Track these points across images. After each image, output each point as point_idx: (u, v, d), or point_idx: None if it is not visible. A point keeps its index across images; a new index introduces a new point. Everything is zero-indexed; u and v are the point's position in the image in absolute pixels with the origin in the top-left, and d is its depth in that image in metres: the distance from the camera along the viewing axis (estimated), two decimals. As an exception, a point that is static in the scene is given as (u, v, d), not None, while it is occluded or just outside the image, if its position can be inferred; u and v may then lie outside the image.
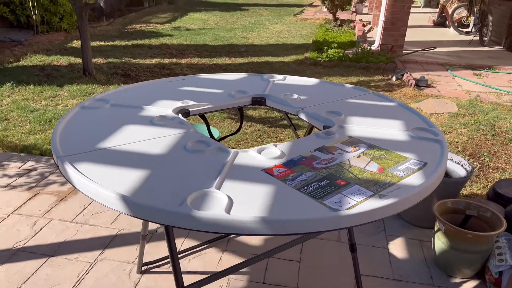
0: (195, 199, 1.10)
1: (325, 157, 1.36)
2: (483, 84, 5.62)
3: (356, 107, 1.83)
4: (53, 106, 4.27)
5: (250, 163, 1.30)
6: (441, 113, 4.47)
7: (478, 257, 2.04)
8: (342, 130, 1.58)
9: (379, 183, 1.21)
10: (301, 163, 1.32)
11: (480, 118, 4.34)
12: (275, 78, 2.22)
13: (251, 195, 1.13)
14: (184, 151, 1.36)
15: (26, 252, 2.19)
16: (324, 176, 1.24)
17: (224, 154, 1.36)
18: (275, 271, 2.13)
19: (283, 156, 1.35)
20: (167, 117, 1.63)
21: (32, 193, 2.71)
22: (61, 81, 5.01)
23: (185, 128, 1.54)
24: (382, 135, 1.55)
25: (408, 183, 1.22)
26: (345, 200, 1.12)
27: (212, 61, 6.38)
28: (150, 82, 2.07)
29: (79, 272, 2.07)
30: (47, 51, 6.39)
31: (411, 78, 5.40)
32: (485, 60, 6.90)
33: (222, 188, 1.15)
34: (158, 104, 1.77)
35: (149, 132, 1.49)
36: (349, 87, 2.11)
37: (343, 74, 5.89)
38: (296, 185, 1.19)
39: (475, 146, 3.75)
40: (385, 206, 1.10)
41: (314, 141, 1.48)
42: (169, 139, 1.44)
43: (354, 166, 1.31)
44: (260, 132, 3.86)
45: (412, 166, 1.32)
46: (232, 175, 1.23)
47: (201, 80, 2.14)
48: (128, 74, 5.46)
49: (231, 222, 1.01)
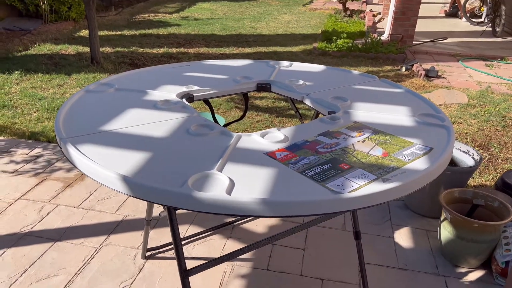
0: (196, 180, 1.09)
1: (329, 141, 1.34)
2: (494, 75, 5.53)
3: (362, 93, 1.80)
4: (61, 94, 4.29)
5: (253, 147, 1.29)
6: (450, 103, 4.41)
7: (485, 246, 2.01)
8: (347, 115, 1.56)
9: (383, 167, 1.19)
10: (304, 147, 1.30)
11: (491, 109, 4.28)
12: (281, 64, 2.20)
13: (253, 177, 1.12)
14: (187, 134, 1.35)
15: (33, 236, 2.21)
16: (327, 160, 1.22)
17: (227, 137, 1.35)
18: (279, 258, 2.13)
19: (286, 140, 1.34)
20: (171, 101, 1.62)
21: (39, 179, 2.73)
22: (69, 70, 5.03)
23: (189, 112, 1.53)
24: (388, 120, 1.52)
25: (413, 168, 1.20)
26: (347, 184, 1.10)
27: (219, 51, 6.35)
28: (155, 68, 2.06)
29: (85, 256, 2.09)
30: (56, 40, 6.41)
31: (421, 69, 5.33)
32: (497, 51, 6.79)
33: (224, 170, 1.15)
34: (162, 88, 1.77)
35: (153, 116, 1.48)
36: (356, 74, 2.08)
37: (352, 64, 5.83)
38: (298, 169, 1.17)
39: (484, 137, 3.69)
40: (388, 189, 1.08)
41: (319, 126, 1.47)
42: (172, 123, 1.43)
43: (358, 151, 1.29)
44: (266, 121, 3.84)
45: (418, 151, 1.30)
46: (235, 158, 1.22)
47: (206, 66, 2.13)
48: (136, 63, 5.46)
49: (231, 203, 1.01)
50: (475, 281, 2.03)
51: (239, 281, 1.97)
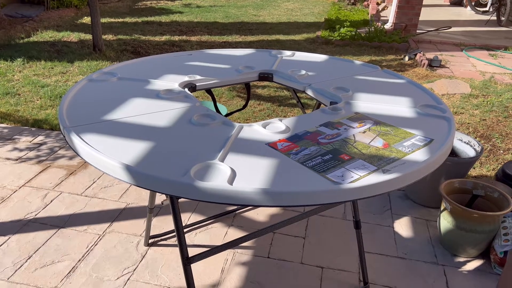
0: (198, 170, 1.11)
1: (330, 132, 1.35)
2: (498, 65, 5.50)
3: (364, 83, 1.81)
4: (64, 82, 4.29)
5: (254, 137, 1.30)
6: (453, 93, 4.40)
7: (484, 237, 2.03)
8: (348, 106, 1.57)
9: (383, 158, 1.21)
10: (305, 137, 1.31)
11: (494, 100, 4.27)
12: (283, 54, 2.20)
13: (254, 167, 1.13)
14: (189, 124, 1.37)
15: (37, 223, 2.24)
16: (328, 151, 1.23)
17: (228, 127, 1.36)
18: (280, 246, 2.15)
19: (288, 131, 1.35)
20: (173, 91, 1.63)
21: (42, 167, 2.76)
22: (71, 57, 5.02)
23: (191, 102, 1.54)
24: (389, 111, 1.53)
25: (413, 159, 1.21)
26: (348, 174, 1.12)
27: (222, 39, 6.33)
28: (157, 57, 2.07)
29: (88, 243, 2.12)
30: (58, 27, 6.39)
31: (424, 58, 5.30)
32: (502, 40, 6.74)
33: (226, 160, 1.16)
34: (164, 78, 1.77)
35: (155, 105, 1.50)
36: (358, 64, 2.08)
37: (355, 53, 5.81)
38: (299, 159, 1.19)
39: (486, 128, 3.69)
40: (388, 180, 1.09)
41: (320, 116, 1.47)
42: (174, 113, 1.44)
43: (359, 142, 1.30)
44: (268, 110, 3.85)
45: (418, 142, 1.31)
46: (236, 148, 1.23)
47: (208, 55, 2.13)
48: (138, 51, 5.45)
49: (233, 193, 1.02)
50: (473, 270, 2.05)
51: (240, 268, 2.00)
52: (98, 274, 1.94)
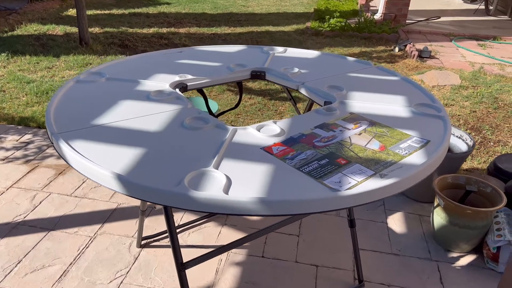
0: (192, 178, 1.08)
1: (325, 134, 1.33)
2: (487, 55, 5.52)
3: (358, 81, 1.78)
4: (50, 78, 4.20)
5: (249, 141, 1.27)
6: (443, 85, 4.41)
7: (477, 232, 2.04)
8: (343, 106, 1.54)
9: (380, 162, 1.19)
10: (301, 141, 1.29)
11: (483, 91, 4.29)
12: (275, 50, 2.16)
13: (250, 174, 1.11)
14: (181, 128, 1.33)
15: (26, 226, 2.20)
16: (324, 155, 1.21)
17: (222, 131, 1.33)
18: (274, 245, 2.14)
19: (282, 134, 1.32)
20: (164, 92, 1.59)
21: (30, 167, 2.70)
22: (57, 51, 4.92)
23: (182, 104, 1.50)
24: (384, 111, 1.51)
25: (410, 162, 1.19)
26: (345, 180, 1.10)
27: (211, 31, 6.25)
28: (147, 55, 2.02)
29: (79, 245, 2.08)
30: (42, 20, 6.25)
31: (414, 49, 5.30)
32: (490, 30, 6.77)
33: (220, 167, 1.13)
34: (154, 78, 1.73)
35: (145, 108, 1.46)
36: (351, 60, 2.05)
37: (345, 44, 5.78)
38: (295, 164, 1.16)
39: (477, 119, 3.71)
40: (386, 186, 1.07)
41: (315, 117, 1.45)
42: (165, 115, 1.41)
43: (355, 144, 1.28)
44: (259, 105, 3.81)
45: (415, 144, 1.29)
46: (231, 153, 1.20)
47: (199, 52, 2.09)
48: (126, 44, 5.36)
49: (229, 203, 1.00)
50: (467, 265, 2.06)
51: (234, 268, 1.98)
52: (90, 277, 1.90)
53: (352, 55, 5.30)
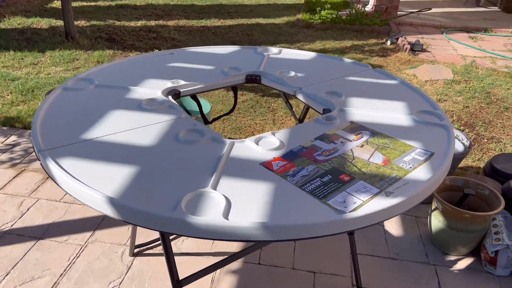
0: (190, 201, 1.02)
1: (326, 147, 1.28)
2: (478, 48, 5.51)
3: (356, 86, 1.73)
4: (35, 74, 4.08)
5: (247, 156, 1.22)
6: (436, 80, 4.39)
7: (475, 236, 2.02)
8: (343, 114, 1.49)
9: (384, 178, 1.14)
10: (301, 154, 1.24)
11: (476, 85, 4.27)
12: (269, 51, 2.10)
13: (250, 194, 1.05)
14: (176, 142, 1.27)
15: (14, 235, 2.12)
16: (326, 171, 1.16)
17: (219, 145, 1.27)
18: (270, 251, 2.10)
19: (282, 147, 1.27)
20: (156, 100, 1.52)
21: (17, 171, 2.61)
22: (43, 46, 4.78)
23: (176, 114, 1.43)
24: (385, 119, 1.47)
25: (415, 178, 1.15)
26: (350, 200, 1.05)
27: (200, 23, 6.14)
28: (137, 57, 1.94)
29: (70, 255, 2.02)
30: (26, 13, 6.07)
31: (406, 43, 5.26)
32: (480, 22, 6.75)
33: (219, 187, 1.07)
34: (146, 84, 1.66)
35: (138, 119, 1.39)
36: (348, 62, 2.00)
37: (337, 37, 5.72)
38: (297, 182, 1.11)
39: (470, 115, 3.69)
40: (392, 206, 1.03)
41: (314, 127, 1.40)
42: (159, 127, 1.34)
43: (358, 158, 1.23)
44: (252, 101, 3.75)
45: (419, 156, 1.25)
46: (229, 170, 1.14)
47: (191, 54, 2.01)
48: (113, 38, 5.23)
49: (229, 229, 0.94)
50: (465, 269, 2.05)
51: (230, 277, 1.94)
52: (82, 289, 1.85)
53: (344, 49, 5.24)
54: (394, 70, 4.63)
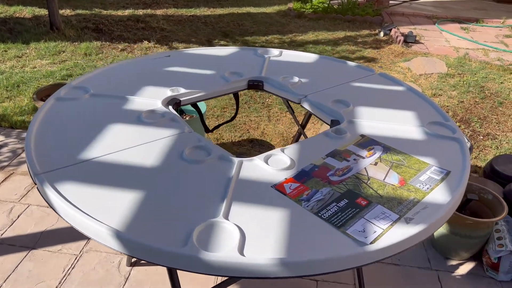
0: (201, 232, 0.96)
1: (339, 165, 1.23)
2: (470, 39, 5.49)
3: (363, 93, 1.67)
4: (20, 68, 3.93)
5: (257, 177, 1.16)
6: (430, 73, 4.36)
7: (477, 241, 2.01)
8: (352, 126, 1.43)
9: (403, 201, 1.09)
10: (314, 174, 1.18)
11: (469, 79, 4.25)
12: (270, 53, 2.02)
13: (264, 223, 0.99)
14: (181, 160, 1.20)
15: (5, 245, 2.04)
16: (342, 194, 1.11)
17: (227, 164, 1.20)
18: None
19: (293, 166, 1.21)
20: (157, 112, 1.44)
21: (5, 174, 2.51)
22: (27, 37, 4.60)
23: (179, 128, 1.36)
24: (396, 132, 1.41)
25: (434, 200, 1.10)
26: (369, 228, 1.00)
27: (190, 12, 5.99)
28: (133, 61, 1.84)
29: (64, 266, 1.95)
30: (8, 0, 5.83)
31: (399, 34, 5.21)
32: (471, 11, 6.73)
33: (231, 215, 1.01)
34: (144, 92, 1.57)
35: (138, 134, 1.31)
36: (353, 66, 1.93)
37: (329, 28, 5.63)
38: (313, 208, 1.06)
39: (465, 111, 3.68)
40: (413, 236, 0.98)
41: (324, 142, 1.34)
42: (162, 144, 1.27)
43: (373, 178, 1.18)
44: (246, 97, 3.67)
45: (435, 175, 1.21)
46: (240, 195, 1.08)
47: (189, 57, 1.93)
48: (100, 29, 5.06)
49: (245, 266, 0.89)
50: (467, 274, 2.04)
51: (232, 286, 1.89)
52: (78, 303, 1.78)
53: (337, 40, 5.17)
54: (388, 63, 4.58)
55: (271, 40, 5.08)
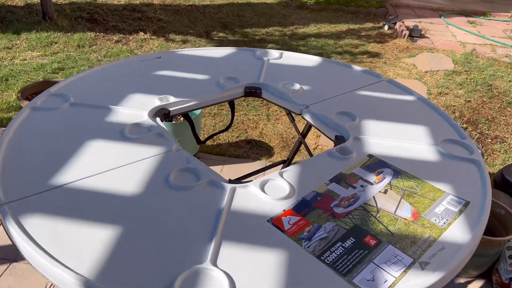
0: (185, 282, 0.82)
1: (345, 193, 1.09)
2: (478, 34, 5.31)
3: (370, 104, 1.53)
4: (10, 60, 3.76)
5: (252, 208, 1.02)
6: (436, 70, 4.20)
7: (488, 260, 1.89)
8: (358, 144, 1.30)
9: (417, 240, 0.96)
10: (316, 205, 1.05)
11: (477, 77, 4.10)
12: (269, 55, 1.87)
13: (257, 270, 0.86)
14: (167, 187, 1.06)
15: (-17, 257, 1.91)
16: (348, 230, 0.97)
17: (218, 191, 1.06)
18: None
19: (292, 194, 1.07)
20: (142, 126, 1.30)
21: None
22: (18, 27, 4.42)
23: (166, 146, 1.22)
24: (406, 151, 1.27)
25: (452, 239, 0.97)
26: (379, 276, 0.87)
27: (188, 1, 5.79)
28: (120, 63, 1.70)
29: (46, 282, 1.82)
30: (0, -13, 5.63)
31: (404, 28, 5.03)
32: (478, 4, 6.54)
33: (219, 260, 0.88)
34: (130, 101, 1.43)
35: (120, 153, 1.17)
36: (358, 71, 1.79)
37: (332, 20, 5.45)
38: (315, 249, 0.92)
39: (472, 111, 3.53)
40: (431, 285, 0.85)
41: (328, 163, 1.20)
42: (145, 166, 1.13)
43: (383, 210, 1.04)
44: (244, 94, 3.51)
45: (452, 207, 1.07)
46: (231, 232, 0.95)
47: (181, 59, 1.78)
48: (95, 19, 4.87)
49: (236, 327, 0.76)
50: (475, 293, 1.92)
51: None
52: (60, 324, 1.66)
53: (339, 33, 4.99)
54: (392, 58, 4.42)
55: (272, 33, 4.90)
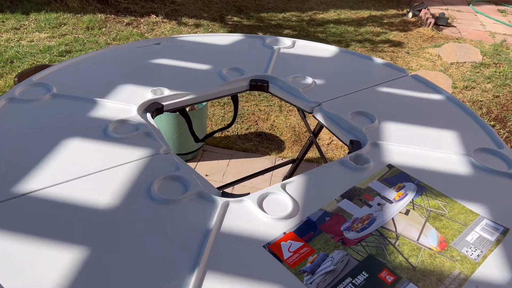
0: (156, 325, 0.67)
1: (358, 213, 0.92)
2: (508, 24, 4.99)
3: (391, 103, 1.34)
4: (16, 41, 3.65)
5: (246, 229, 0.86)
6: (463, 62, 3.94)
7: None
8: (377, 151, 1.12)
9: (444, 278, 0.79)
10: (323, 228, 0.88)
11: (506, 70, 3.83)
12: (280, 44, 1.69)
13: (248, 311, 0.71)
14: (150, 200, 0.91)
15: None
16: (360, 262, 0.81)
17: (207, 206, 0.91)
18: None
19: (295, 212, 0.91)
20: (129, 123, 1.14)
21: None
22: (27, 7, 4.30)
23: (153, 148, 1.06)
24: (433, 162, 1.09)
25: (487, 278, 0.80)
26: (397, 325, 0.70)
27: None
28: (115, 50, 1.54)
29: None
30: (12, -34, 5.51)
31: (429, 16, 4.75)
32: (511, -8, 6.16)
33: (202, 296, 0.73)
34: (119, 93, 1.27)
35: (100, 155, 1.02)
36: (380, 64, 1.59)
37: (353, 6, 5.19)
38: (318, 286, 0.76)
39: (500, 107, 3.29)
40: None
41: (340, 174, 1.03)
42: (127, 171, 0.98)
43: (403, 237, 0.87)
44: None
45: (487, 234, 0.89)
46: (218, 261, 0.79)
47: (182, 46, 1.61)
48: (106, 0, 4.72)
49: None
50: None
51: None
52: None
53: (360, 20, 4.75)
54: (416, 48, 4.17)
55: (289, 18, 4.68)
